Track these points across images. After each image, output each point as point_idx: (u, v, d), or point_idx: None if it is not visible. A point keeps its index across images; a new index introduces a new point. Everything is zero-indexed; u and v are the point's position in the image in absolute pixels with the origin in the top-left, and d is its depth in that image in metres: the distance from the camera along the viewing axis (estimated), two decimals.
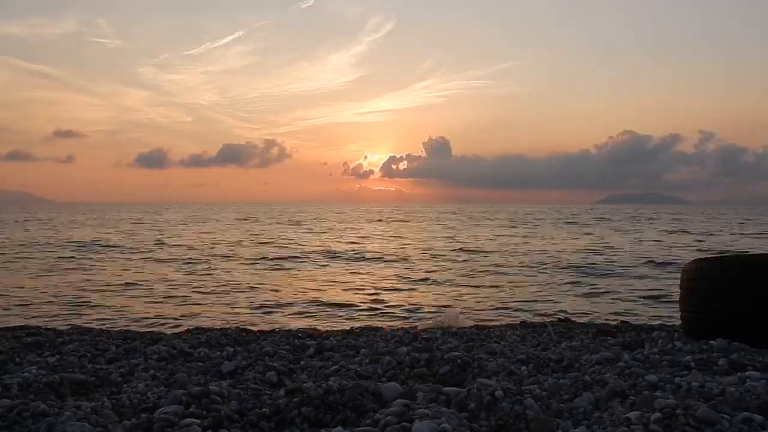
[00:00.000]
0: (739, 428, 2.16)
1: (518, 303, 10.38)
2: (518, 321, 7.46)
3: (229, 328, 6.12)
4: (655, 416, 2.21)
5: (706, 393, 2.62)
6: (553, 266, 15.89)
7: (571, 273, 14.45)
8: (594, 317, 8.60)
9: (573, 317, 7.95)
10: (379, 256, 19.45)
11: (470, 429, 2.24)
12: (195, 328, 6.33)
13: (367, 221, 54.15)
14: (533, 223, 45.45)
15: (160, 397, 2.88)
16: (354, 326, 7.11)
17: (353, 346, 4.70)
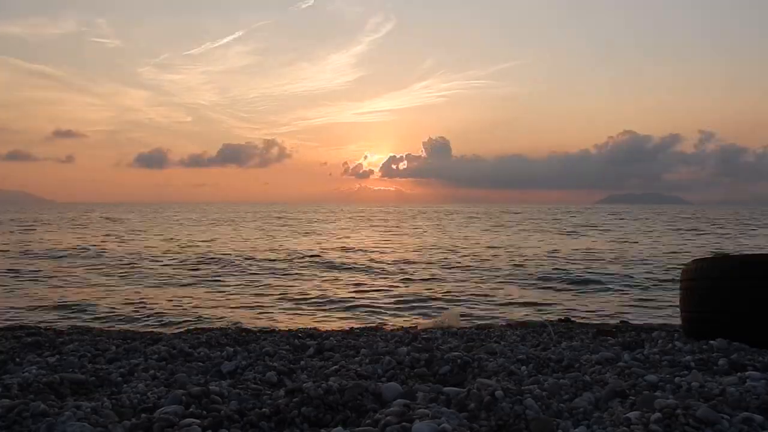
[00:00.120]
0: (739, 428, 2.16)
1: (518, 303, 10.38)
2: (518, 321, 7.46)
3: (229, 328, 6.13)
4: (655, 416, 2.21)
5: (706, 393, 2.62)
6: (553, 266, 15.90)
7: (570, 273, 14.44)
8: (594, 317, 8.60)
9: (573, 317, 7.95)
10: (373, 258, 19.44)
11: (470, 429, 2.24)
12: (195, 328, 6.33)
13: (367, 222, 54.11)
14: (533, 224, 45.45)
15: (160, 397, 2.88)
16: (354, 326, 7.11)
17: (353, 346, 4.70)
